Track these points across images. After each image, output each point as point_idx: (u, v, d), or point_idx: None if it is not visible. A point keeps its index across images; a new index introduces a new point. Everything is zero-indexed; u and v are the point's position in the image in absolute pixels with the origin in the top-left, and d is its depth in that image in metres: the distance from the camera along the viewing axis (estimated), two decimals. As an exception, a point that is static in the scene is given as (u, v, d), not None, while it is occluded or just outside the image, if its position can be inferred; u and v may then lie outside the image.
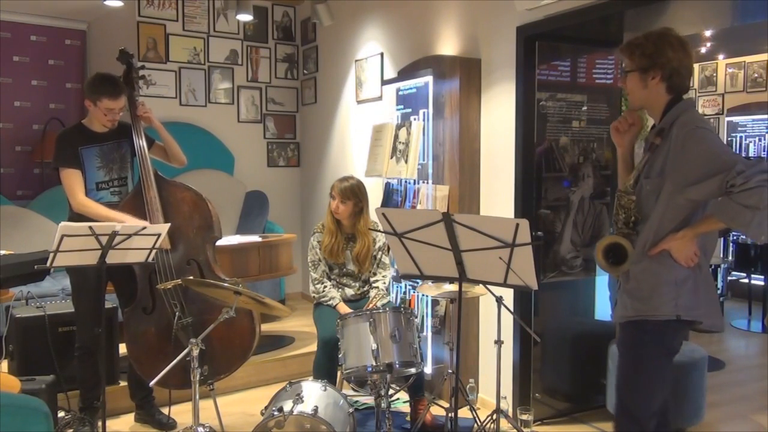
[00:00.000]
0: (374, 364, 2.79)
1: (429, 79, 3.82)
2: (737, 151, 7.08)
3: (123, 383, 3.61)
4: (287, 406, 2.54)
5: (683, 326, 2.18)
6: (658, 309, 2.13)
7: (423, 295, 3.78)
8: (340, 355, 2.94)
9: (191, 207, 3.32)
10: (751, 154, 7.09)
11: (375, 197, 4.16)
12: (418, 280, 3.39)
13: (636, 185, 2.20)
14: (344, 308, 3.41)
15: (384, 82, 4.59)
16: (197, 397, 2.67)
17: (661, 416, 2.25)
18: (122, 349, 3.51)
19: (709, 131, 2.08)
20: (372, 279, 3.59)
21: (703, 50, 6.45)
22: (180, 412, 3.43)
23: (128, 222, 3.06)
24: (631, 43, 2.19)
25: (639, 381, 2.21)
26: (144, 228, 2.71)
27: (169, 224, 2.93)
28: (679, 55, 2.12)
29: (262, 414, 2.65)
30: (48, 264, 2.58)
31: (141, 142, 3.30)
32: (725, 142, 7.21)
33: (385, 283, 3.57)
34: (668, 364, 2.21)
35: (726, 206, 1.99)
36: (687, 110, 2.14)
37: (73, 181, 3.18)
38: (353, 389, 3.10)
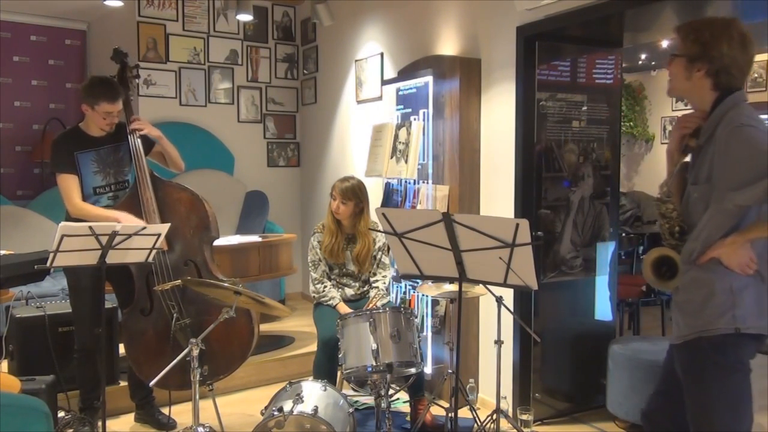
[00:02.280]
0: (374, 364, 2.79)
1: (429, 79, 3.82)
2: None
3: (123, 383, 3.61)
4: (287, 406, 2.54)
5: (746, 341, 1.90)
6: (713, 322, 1.89)
7: (423, 295, 3.78)
8: (340, 355, 2.94)
9: (188, 207, 3.31)
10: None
11: (375, 197, 4.16)
12: (418, 280, 3.39)
13: (683, 193, 2.03)
14: (344, 308, 3.41)
15: (384, 82, 4.59)
16: (197, 397, 2.67)
17: None
18: (122, 349, 3.51)
19: (755, 128, 1.85)
20: (372, 279, 3.59)
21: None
22: (180, 412, 3.43)
23: (127, 221, 3.06)
24: (689, 25, 1.97)
25: (714, 407, 1.92)
26: (144, 228, 2.71)
27: (169, 224, 2.92)
28: (734, 53, 1.90)
29: (262, 414, 2.65)
30: (48, 264, 2.57)
31: (136, 142, 3.27)
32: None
33: (385, 283, 3.57)
34: (742, 380, 1.92)
35: None
36: (735, 106, 1.91)
37: (69, 186, 3.17)
38: (353, 389, 3.10)
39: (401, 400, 3.79)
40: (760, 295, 1.91)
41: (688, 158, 2.09)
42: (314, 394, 2.67)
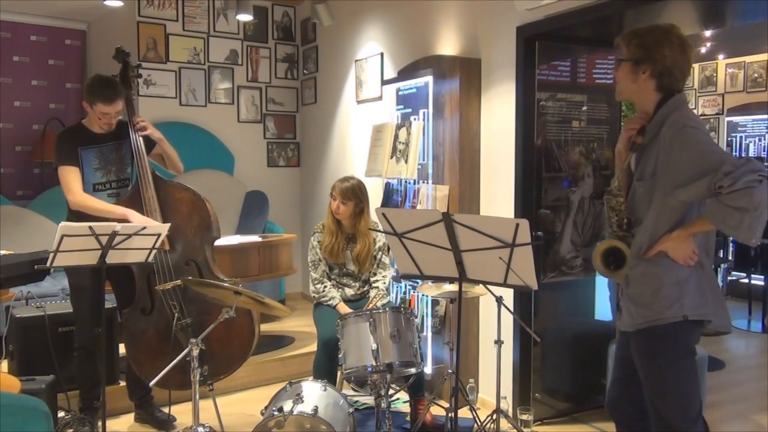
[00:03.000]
0: (374, 364, 2.79)
1: (429, 79, 3.82)
2: (737, 152, 7.09)
3: (123, 383, 3.61)
4: (287, 406, 2.54)
5: (693, 327, 2.09)
6: (664, 312, 2.06)
7: (423, 295, 3.78)
8: (340, 355, 2.94)
9: (189, 207, 3.31)
10: (751, 154, 7.09)
11: (375, 197, 4.16)
12: (418, 280, 3.39)
13: (629, 188, 2.17)
14: (344, 308, 3.41)
15: (384, 82, 4.59)
16: (197, 397, 2.67)
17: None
18: (122, 349, 3.51)
19: (697, 130, 2.01)
20: (372, 279, 3.59)
21: (703, 50, 6.45)
22: (180, 412, 3.43)
23: (129, 215, 3.07)
24: (631, 32, 2.14)
25: (668, 389, 2.10)
26: (144, 228, 2.71)
27: (169, 224, 2.93)
28: (675, 55, 2.06)
29: (262, 414, 2.65)
30: (48, 264, 2.57)
31: (138, 139, 3.28)
32: (725, 142, 7.22)
33: (385, 283, 3.57)
34: (691, 364, 2.12)
35: (715, 208, 1.93)
36: (677, 108, 2.07)
37: (70, 177, 3.17)
38: (353, 389, 3.10)
39: (401, 400, 3.79)
40: (701, 283, 2.08)
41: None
42: (314, 394, 2.67)
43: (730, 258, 6.59)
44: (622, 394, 2.30)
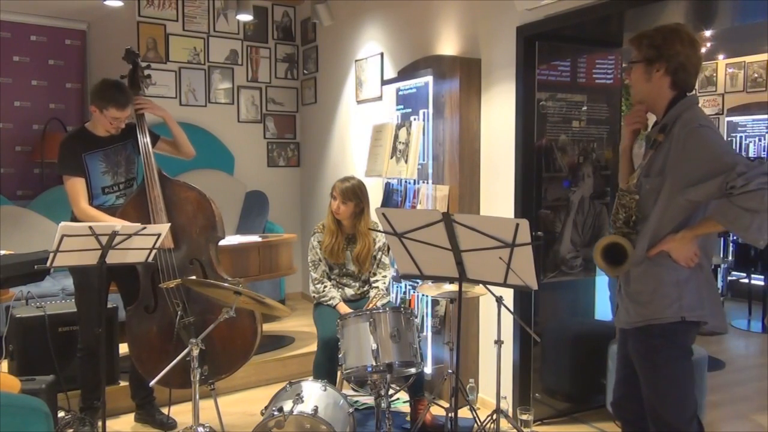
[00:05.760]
0: (374, 364, 2.79)
1: (429, 79, 3.82)
2: (737, 151, 7.09)
3: (123, 383, 3.61)
4: (287, 406, 2.54)
5: (690, 327, 2.13)
6: (662, 312, 2.09)
7: (423, 295, 3.78)
8: (340, 355, 2.94)
9: (195, 206, 3.32)
10: (751, 154, 7.09)
11: (375, 197, 4.16)
12: (418, 280, 3.39)
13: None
14: (344, 308, 3.41)
15: (384, 82, 4.59)
16: (197, 397, 2.67)
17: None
18: (123, 349, 3.51)
19: (711, 129, 2.04)
20: (372, 279, 3.59)
21: (703, 50, 6.44)
22: (180, 412, 3.43)
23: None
24: (640, 34, 2.15)
25: (664, 388, 2.13)
26: (144, 228, 2.71)
27: (169, 224, 2.93)
28: (687, 51, 2.08)
29: (262, 414, 2.65)
30: (48, 264, 2.58)
31: (145, 139, 3.29)
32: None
33: (385, 283, 3.57)
34: (687, 364, 2.15)
35: (725, 209, 1.96)
36: (690, 107, 2.10)
37: (76, 189, 3.18)
38: (353, 389, 3.10)
39: (401, 400, 3.79)
40: (700, 285, 2.11)
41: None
42: (314, 394, 2.67)
43: (730, 258, 6.59)
44: (627, 393, 2.31)
